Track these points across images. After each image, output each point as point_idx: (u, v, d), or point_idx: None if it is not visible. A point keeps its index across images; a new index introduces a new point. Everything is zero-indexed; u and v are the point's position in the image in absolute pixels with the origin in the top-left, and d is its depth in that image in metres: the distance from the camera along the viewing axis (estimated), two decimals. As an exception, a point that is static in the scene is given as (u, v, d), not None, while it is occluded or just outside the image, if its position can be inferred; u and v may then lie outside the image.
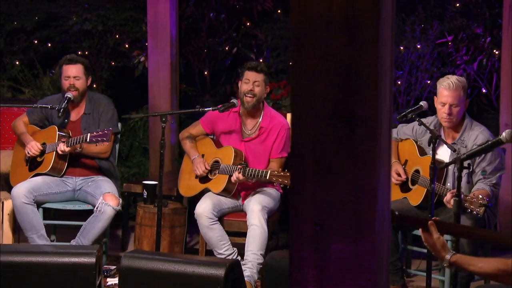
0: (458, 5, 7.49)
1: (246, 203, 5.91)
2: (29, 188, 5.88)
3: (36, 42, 8.23)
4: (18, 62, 8.15)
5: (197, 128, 6.21)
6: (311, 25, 2.01)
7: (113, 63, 8.16)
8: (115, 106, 6.22)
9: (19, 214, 5.86)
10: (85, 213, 6.04)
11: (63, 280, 4.60)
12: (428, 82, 7.35)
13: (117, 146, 6.36)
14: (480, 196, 4.96)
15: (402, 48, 7.39)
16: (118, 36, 8.07)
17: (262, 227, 5.68)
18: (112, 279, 5.86)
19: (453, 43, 7.46)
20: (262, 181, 5.82)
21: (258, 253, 5.66)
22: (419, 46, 7.38)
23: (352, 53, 2.00)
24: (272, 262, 4.67)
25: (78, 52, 7.73)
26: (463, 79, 5.54)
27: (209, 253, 6.00)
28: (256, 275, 5.66)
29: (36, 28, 8.21)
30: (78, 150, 5.94)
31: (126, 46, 8.06)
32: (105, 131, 5.67)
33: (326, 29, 2.00)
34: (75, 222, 6.00)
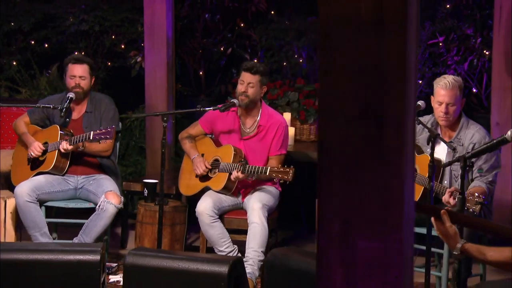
0: (449, 6, 7.57)
1: (246, 201, 5.97)
2: (32, 186, 5.90)
3: (33, 42, 8.23)
4: (15, 63, 8.14)
5: (196, 128, 6.25)
6: (340, 25, 2.02)
7: (109, 63, 8.20)
8: (113, 105, 6.27)
9: (22, 213, 5.88)
10: (87, 211, 6.06)
11: (68, 277, 4.60)
12: (419, 82, 7.42)
13: (117, 145, 6.39)
14: (476, 193, 5.03)
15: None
16: (114, 36, 8.10)
17: (263, 225, 5.75)
18: (114, 276, 5.91)
19: (444, 44, 7.53)
20: (262, 178, 5.87)
21: (259, 250, 5.72)
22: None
23: (380, 53, 2.00)
24: (273, 259, 4.69)
25: (74, 52, 7.74)
26: (459, 79, 5.64)
27: (209, 250, 6.07)
28: (257, 272, 5.72)
29: (33, 28, 8.21)
30: (81, 149, 5.97)
31: (122, 46, 8.10)
32: (108, 129, 5.69)
33: (354, 29, 2.01)
34: (77, 220, 6.01)
